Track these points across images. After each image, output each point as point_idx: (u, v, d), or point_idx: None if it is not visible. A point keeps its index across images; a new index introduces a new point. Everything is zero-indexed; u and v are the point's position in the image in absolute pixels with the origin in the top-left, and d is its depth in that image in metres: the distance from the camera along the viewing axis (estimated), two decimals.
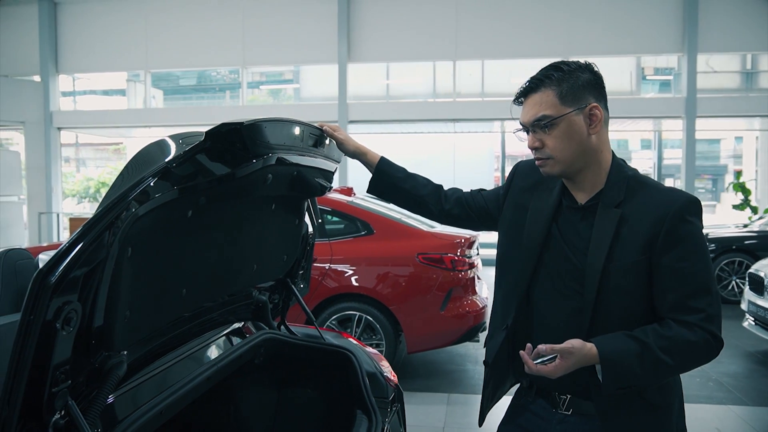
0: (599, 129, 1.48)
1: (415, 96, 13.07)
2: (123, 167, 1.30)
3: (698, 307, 1.40)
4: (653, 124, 12.70)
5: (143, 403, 1.51)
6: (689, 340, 1.39)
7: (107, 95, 16.05)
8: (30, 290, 0.96)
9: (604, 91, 1.52)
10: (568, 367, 1.41)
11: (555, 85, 1.46)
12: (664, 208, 1.42)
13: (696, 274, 1.41)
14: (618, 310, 1.47)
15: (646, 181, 1.52)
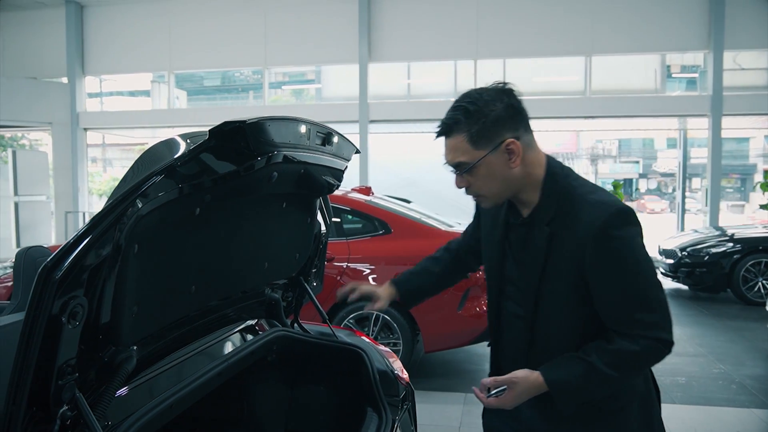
0: (519, 161, 1.46)
1: (435, 95, 13.03)
2: (131, 165, 1.33)
3: (640, 318, 1.40)
4: (678, 123, 12.49)
5: (153, 397, 1.53)
6: (633, 351, 1.40)
7: (133, 96, 16.29)
8: (35, 285, 0.99)
9: (521, 114, 1.48)
10: (518, 396, 1.46)
11: (464, 129, 1.43)
12: (588, 228, 1.41)
13: (631, 287, 1.41)
14: (555, 326, 1.51)
15: (576, 192, 1.48)
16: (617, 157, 30.45)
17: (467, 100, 1.44)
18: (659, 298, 1.42)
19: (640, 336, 1.40)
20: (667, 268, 8.78)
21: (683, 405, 4.40)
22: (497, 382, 1.48)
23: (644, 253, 1.45)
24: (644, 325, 1.40)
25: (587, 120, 12.40)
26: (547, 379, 1.44)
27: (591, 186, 1.51)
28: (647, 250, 1.46)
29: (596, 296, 1.44)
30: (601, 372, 1.41)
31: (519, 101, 1.48)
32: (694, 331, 6.61)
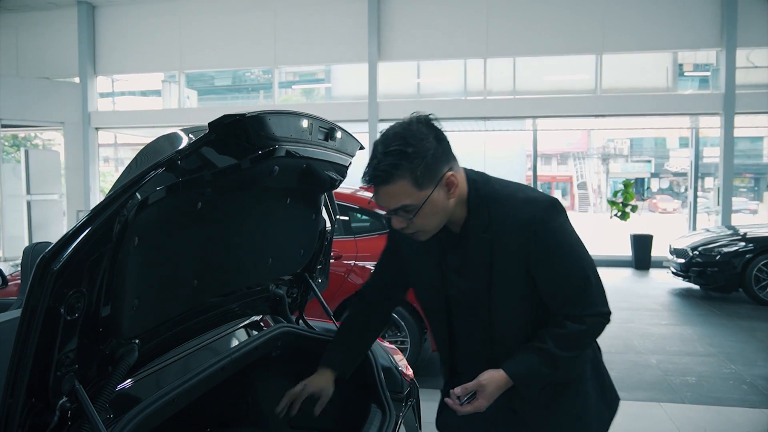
0: (457, 192, 1.49)
1: (445, 94, 13.02)
2: (133, 158, 1.33)
3: (583, 300, 1.51)
4: (690, 122, 12.38)
5: (156, 390, 1.54)
6: (582, 330, 1.52)
7: (144, 96, 16.39)
8: (33, 275, 0.99)
9: (448, 142, 1.50)
10: (490, 395, 1.52)
11: (407, 173, 1.41)
12: (524, 226, 1.47)
13: (572, 274, 1.51)
14: (511, 322, 1.58)
15: (501, 195, 1.52)
16: (629, 156, 30.25)
17: (399, 143, 1.41)
18: (596, 276, 1.53)
19: (586, 315, 1.51)
20: (678, 268, 8.71)
21: (693, 405, 4.36)
22: (466, 389, 1.54)
23: (576, 236, 1.55)
24: (587, 305, 1.52)
25: (598, 119, 12.33)
26: (511, 374, 1.53)
27: (514, 186, 1.57)
28: (575, 231, 1.56)
29: (541, 286, 1.53)
30: (559, 356, 1.51)
31: (441, 129, 1.49)
32: (705, 330, 6.55)
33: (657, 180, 29.02)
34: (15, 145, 17.55)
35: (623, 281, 10.22)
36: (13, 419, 1.05)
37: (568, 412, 1.63)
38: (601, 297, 1.54)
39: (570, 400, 1.63)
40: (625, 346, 5.88)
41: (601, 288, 1.55)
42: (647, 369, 5.19)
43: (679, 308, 7.91)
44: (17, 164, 13.31)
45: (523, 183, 1.62)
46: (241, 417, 2.38)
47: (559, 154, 30.14)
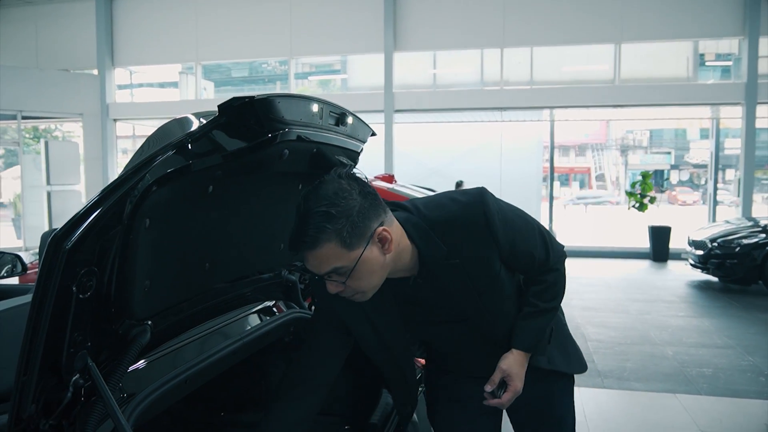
0: (392, 246, 1.42)
1: (462, 85, 12.94)
2: (143, 142, 1.35)
3: (548, 254, 1.63)
4: (711, 112, 12.20)
5: (169, 371, 1.56)
6: (557, 275, 1.67)
7: (161, 87, 16.51)
8: (45, 253, 1.01)
9: (376, 196, 1.43)
10: (518, 376, 1.63)
11: (334, 236, 1.33)
12: (479, 233, 1.50)
13: (533, 241, 1.60)
14: (507, 309, 1.66)
15: (438, 220, 1.50)
16: (648, 147, 29.88)
17: (324, 204, 1.33)
18: (545, 230, 1.66)
19: (556, 261, 1.66)
20: (697, 260, 8.62)
21: (709, 396, 4.32)
22: (494, 382, 1.63)
23: (510, 207, 1.62)
24: (552, 254, 1.64)
25: (616, 109, 12.19)
26: (525, 348, 1.65)
27: (439, 201, 1.55)
28: (511, 204, 1.64)
29: (518, 264, 1.64)
30: (549, 308, 1.66)
31: (366, 182, 1.43)
32: (722, 323, 6.48)
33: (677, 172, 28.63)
34: (35, 136, 17.80)
35: (640, 273, 10.13)
36: (27, 395, 1.07)
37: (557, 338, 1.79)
38: (556, 242, 1.68)
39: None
40: (642, 338, 5.84)
41: (551, 236, 1.68)
42: (663, 360, 5.15)
43: (696, 300, 7.83)
44: (37, 155, 13.49)
45: (441, 193, 1.62)
46: (255, 401, 2.40)
47: (577, 145, 29.86)
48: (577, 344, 1.88)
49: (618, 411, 4.10)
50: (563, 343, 1.81)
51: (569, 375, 1.84)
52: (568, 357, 1.81)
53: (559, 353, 1.78)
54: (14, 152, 14.21)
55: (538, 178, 13.52)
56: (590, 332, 6.00)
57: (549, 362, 1.74)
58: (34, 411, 1.09)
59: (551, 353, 1.75)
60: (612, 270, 10.30)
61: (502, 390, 1.64)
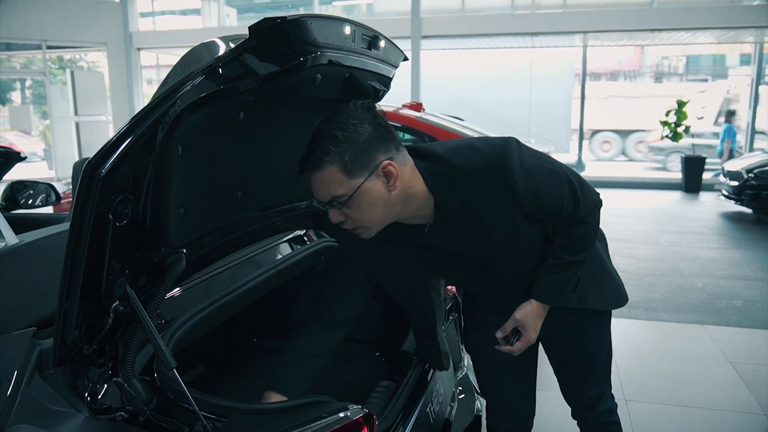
0: (399, 183, 1.40)
1: (491, 9, 12.45)
2: (172, 67, 1.31)
3: (578, 206, 1.54)
4: (755, 35, 11.60)
5: (204, 299, 1.58)
6: (587, 229, 1.58)
7: (184, 15, 16.24)
8: (80, 181, 0.99)
9: (390, 132, 1.41)
10: (533, 327, 1.63)
11: (336, 159, 1.33)
12: (497, 186, 1.44)
13: (559, 193, 1.51)
14: (529, 257, 1.62)
15: (457, 169, 1.45)
16: (683, 75, 28.79)
17: (332, 126, 1.34)
18: (576, 178, 1.56)
19: (586, 214, 1.56)
20: (731, 191, 8.43)
21: (738, 328, 4.31)
22: (506, 330, 1.65)
23: (540, 158, 1.53)
24: (583, 206, 1.55)
25: (653, 33, 11.66)
26: (544, 300, 1.62)
27: (462, 149, 1.49)
28: (540, 153, 1.54)
29: (540, 216, 1.56)
30: (574, 261, 1.59)
31: (383, 118, 1.41)
32: (755, 254, 6.39)
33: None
34: (61, 67, 17.80)
35: (671, 204, 9.97)
36: (70, 321, 1.08)
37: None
38: (588, 192, 1.58)
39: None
40: (671, 269, 5.80)
41: (583, 182, 1.58)
42: (692, 292, 5.13)
43: (728, 232, 7.71)
44: (64, 86, 13.53)
45: (466, 138, 1.58)
46: (286, 329, 2.45)
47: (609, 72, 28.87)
48: (616, 277, 1.82)
49: (646, 342, 4.11)
50: (599, 278, 1.76)
51: (602, 311, 1.81)
52: (603, 292, 1.77)
53: (592, 290, 1.73)
54: (41, 83, 14.27)
55: (568, 106, 13.19)
56: (618, 263, 5.95)
57: (579, 300, 1.71)
58: (78, 336, 1.11)
59: (582, 290, 1.71)
60: (643, 201, 10.14)
61: (516, 338, 1.65)
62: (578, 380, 1.91)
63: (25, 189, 3.18)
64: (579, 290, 1.70)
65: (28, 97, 19.72)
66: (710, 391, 3.33)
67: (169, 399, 1.22)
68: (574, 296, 1.70)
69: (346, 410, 1.22)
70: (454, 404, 2.06)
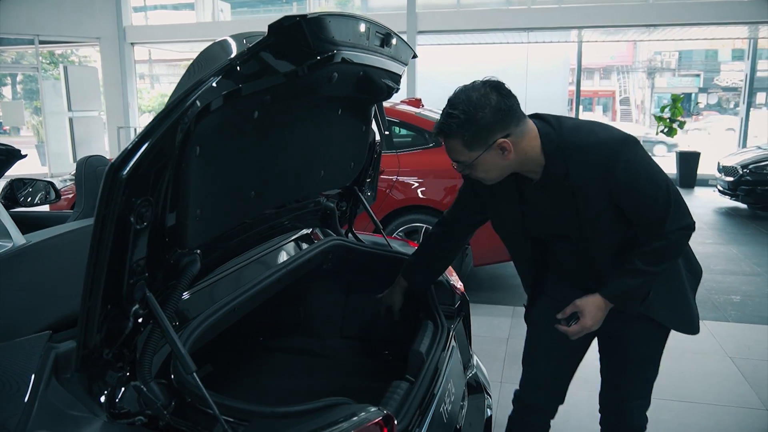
0: (512, 155, 1.59)
1: (486, 4, 12.42)
2: (188, 67, 1.29)
3: (664, 221, 1.62)
4: (749, 31, 11.63)
5: (216, 300, 1.56)
6: (666, 244, 1.65)
7: (176, 10, 16.12)
8: (103, 185, 0.98)
9: (510, 112, 1.57)
10: (593, 316, 1.71)
11: (458, 134, 1.56)
12: (601, 168, 1.58)
13: (651, 200, 1.62)
14: (606, 246, 1.72)
15: (573, 143, 1.61)
16: (676, 70, 28.86)
17: (459, 108, 1.55)
18: (675, 195, 1.64)
19: (669, 232, 1.63)
20: (726, 186, 8.46)
21: (736, 323, 4.33)
22: (565, 313, 1.76)
23: (650, 164, 1.64)
24: (669, 223, 1.62)
25: (647, 29, 11.67)
26: (609, 297, 1.71)
27: (585, 128, 1.64)
28: (653, 162, 1.65)
29: (628, 214, 1.65)
30: (649, 271, 1.66)
31: (507, 97, 1.57)
32: (751, 250, 6.42)
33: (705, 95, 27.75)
34: (52, 62, 17.65)
35: None
36: (92, 325, 1.07)
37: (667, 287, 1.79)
38: (681, 212, 1.65)
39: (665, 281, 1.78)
40: None
41: (680, 204, 1.65)
42: None
43: (724, 227, 7.75)
44: (56, 81, 13.41)
45: (596, 121, 1.70)
46: (294, 327, 2.44)
47: (602, 68, 28.90)
48: (693, 305, 1.85)
49: None
50: (674, 297, 1.81)
51: (664, 326, 1.84)
52: (673, 311, 1.81)
53: (663, 304, 1.78)
54: (33, 78, 14.14)
55: (563, 101, 13.19)
56: None
57: (647, 308, 1.77)
58: (99, 340, 1.10)
59: (652, 301, 1.76)
60: None
61: (574, 321, 1.74)
62: (622, 386, 1.94)
63: (24, 186, 3.14)
64: (648, 301, 1.75)
65: (20, 92, 19.55)
66: (712, 387, 3.35)
67: (188, 402, 1.21)
68: (642, 306, 1.76)
69: (365, 412, 1.21)
70: (465, 403, 2.06)
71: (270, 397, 2.03)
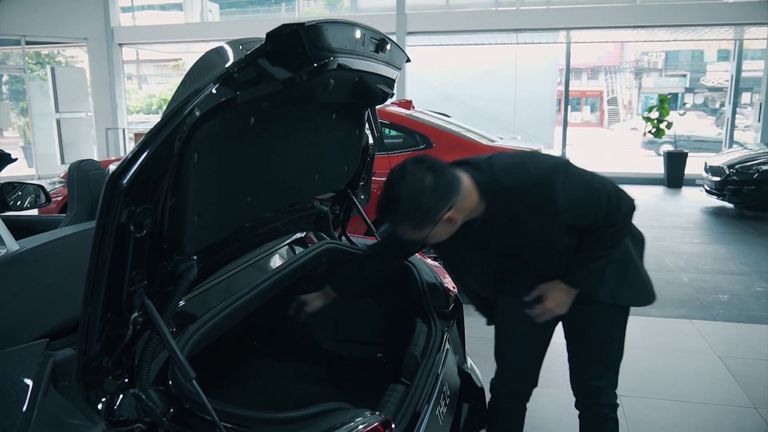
0: (459, 217, 1.67)
1: (475, 5, 12.46)
2: (185, 74, 1.29)
3: (611, 213, 1.72)
4: (734, 33, 11.75)
5: (213, 306, 1.57)
6: (613, 231, 1.76)
7: (164, 10, 16.03)
8: (104, 193, 0.98)
9: (449, 185, 1.62)
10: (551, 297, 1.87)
11: (405, 223, 1.64)
12: (540, 200, 1.67)
13: (595, 206, 1.70)
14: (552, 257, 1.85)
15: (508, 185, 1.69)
16: (663, 70, 29.10)
17: (403, 199, 1.59)
18: (613, 189, 1.73)
19: (618, 218, 1.73)
20: (713, 186, 8.55)
21: (725, 322, 4.38)
22: (531, 296, 1.90)
23: (583, 176, 1.73)
24: (616, 212, 1.72)
25: (634, 30, 11.76)
26: (572, 284, 1.86)
27: (516, 166, 1.72)
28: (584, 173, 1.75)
29: (579, 225, 1.76)
30: (605, 254, 1.81)
31: (441, 172, 1.61)
32: (738, 249, 6.49)
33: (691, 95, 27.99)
34: (39, 62, 17.49)
35: (654, 199, 10.09)
36: (92, 334, 1.07)
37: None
38: (624, 201, 1.74)
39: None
40: (657, 264, 5.87)
41: (619, 193, 1.74)
42: (679, 287, 5.20)
43: (711, 227, 7.83)
44: (44, 82, 13.28)
45: (525, 153, 1.84)
46: (287, 331, 2.44)
47: (590, 68, 29.08)
48: (645, 277, 1.98)
49: (635, 336, 4.15)
50: (625, 277, 1.92)
51: (623, 307, 1.98)
52: (629, 290, 1.93)
53: (618, 287, 1.91)
54: (19, 79, 14.00)
55: (552, 102, 13.27)
56: None
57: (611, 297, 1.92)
58: (99, 349, 1.10)
59: (613, 286, 1.90)
60: None
61: (538, 304, 1.89)
62: (586, 367, 2.06)
63: (13, 190, 3.11)
64: (607, 283, 1.89)
65: (5, 93, 19.36)
66: (702, 386, 3.38)
67: (186, 409, 1.21)
68: (605, 290, 1.90)
69: (364, 417, 1.22)
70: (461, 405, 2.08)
71: (265, 402, 2.04)
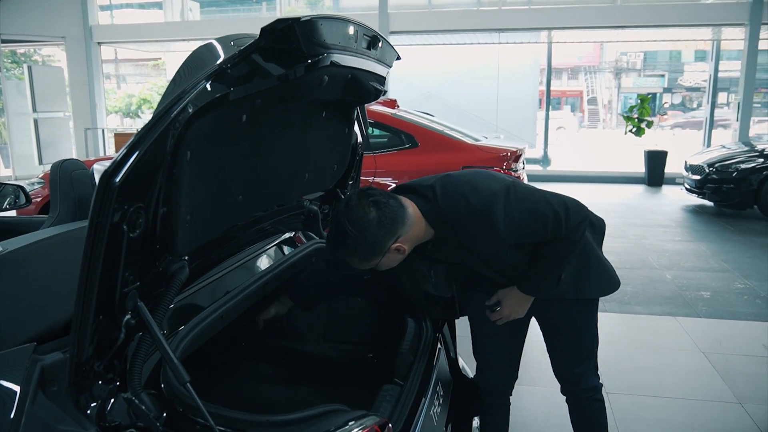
0: (408, 246, 1.72)
1: (457, 5, 12.50)
2: (175, 72, 1.26)
3: (559, 229, 1.73)
4: (712, 33, 11.92)
5: (204, 307, 1.54)
6: (569, 242, 1.78)
7: (143, 9, 15.85)
8: (96, 192, 0.95)
9: (394, 217, 1.65)
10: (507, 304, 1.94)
11: (353, 255, 1.69)
12: (485, 227, 1.70)
13: (542, 226, 1.73)
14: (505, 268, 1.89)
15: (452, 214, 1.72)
16: (641, 70, 29.45)
17: (348, 234, 1.63)
18: (561, 205, 1.74)
19: (569, 232, 1.74)
20: (693, 184, 8.66)
21: (708, 318, 4.43)
22: (491, 302, 1.97)
23: (525, 198, 1.75)
24: (566, 226, 1.73)
25: (615, 30, 11.88)
26: (527, 292, 1.91)
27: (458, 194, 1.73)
28: (527, 195, 1.76)
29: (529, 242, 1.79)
30: (559, 265, 1.84)
31: (385, 205, 1.65)
32: (719, 247, 6.58)
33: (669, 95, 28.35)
34: (15, 62, 17.19)
35: (636, 198, 10.20)
36: (84, 338, 1.04)
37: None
38: (574, 215, 1.75)
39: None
40: (640, 262, 5.93)
41: (569, 208, 1.75)
42: (662, 284, 5.25)
43: (692, 225, 7.93)
44: (20, 81, 13.06)
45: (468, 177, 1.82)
46: (277, 332, 2.42)
47: (570, 68, 29.33)
48: (607, 265, 2.06)
49: (621, 335, 4.20)
50: (588, 270, 1.98)
51: (590, 299, 2.04)
52: (594, 283, 2.01)
53: (582, 280, 1.97)
54: None
55: (534, 101, 13.35)
56: None
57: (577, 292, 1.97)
58: (91, 353, 1.07)
59: (578, 281, 1.96)
60: (608, 195, 10.33)
61: (497, 309, 1.96)
62: (563, 357, 2.13)
63: None
64: (570, 281, 1.94)
65: None
66: (687, 382, 3.42)
67: (179, 412, 1.19)
68: (570, 288, 1.95)
69: (362, 419, 1.20)
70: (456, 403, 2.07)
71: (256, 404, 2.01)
